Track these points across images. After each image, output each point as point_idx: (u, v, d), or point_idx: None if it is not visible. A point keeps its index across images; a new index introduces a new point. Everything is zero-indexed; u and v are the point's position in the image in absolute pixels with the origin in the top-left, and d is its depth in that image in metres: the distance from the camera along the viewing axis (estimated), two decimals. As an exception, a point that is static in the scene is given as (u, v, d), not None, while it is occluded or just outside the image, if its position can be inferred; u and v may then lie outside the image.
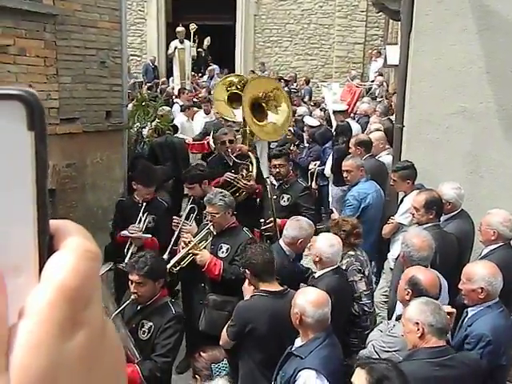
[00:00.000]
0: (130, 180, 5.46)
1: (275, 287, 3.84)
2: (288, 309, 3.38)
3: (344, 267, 4.33)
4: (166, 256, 4.92)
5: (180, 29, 15.10)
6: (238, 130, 6.98)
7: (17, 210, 0.41)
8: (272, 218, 5.50)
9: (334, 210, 6.11)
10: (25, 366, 0.38)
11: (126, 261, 4.84)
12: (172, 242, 5.11)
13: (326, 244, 4.08)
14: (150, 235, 5.08)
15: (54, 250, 0.42)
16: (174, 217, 5.35)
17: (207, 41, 15.84)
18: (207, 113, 10.59)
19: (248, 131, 6.62)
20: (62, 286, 0.40)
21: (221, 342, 3.80)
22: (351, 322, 4.23)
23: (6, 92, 0.41)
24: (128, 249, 5.06)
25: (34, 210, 0.42)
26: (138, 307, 3.81)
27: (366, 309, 4.28)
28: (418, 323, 3.05)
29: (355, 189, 5.78)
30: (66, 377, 0.39)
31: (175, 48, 15.03)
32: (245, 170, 6.24)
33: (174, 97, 12.85)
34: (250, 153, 6.41)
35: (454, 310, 3.48)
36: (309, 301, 3.29)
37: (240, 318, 3.80)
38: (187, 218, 5.25)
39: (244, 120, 6.55)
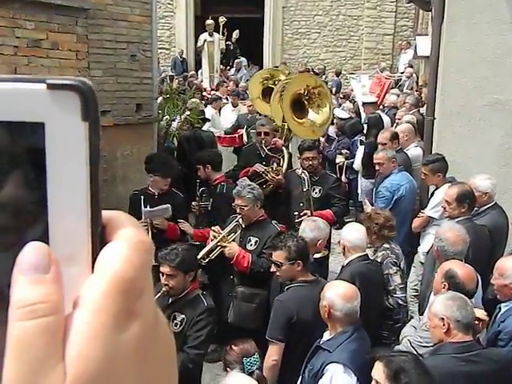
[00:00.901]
0: (147, 172, 5.42)
1: (308, 277, 3.86)
2: None
3: (379, 260, 4.36)
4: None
5: (209, 22, 15.10)
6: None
7: (70, 200, 0.41)
8: (307, 211, 5.48)
9: (366, 201, 6.04)
10: (82, 356, 0.38)
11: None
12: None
13: (350, 232, 4.23)
14: (168, 205, 5.08)
15: (107, 241, 0.42)
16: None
17: (236, 34, 15.82)
18: (235, 106, 10.60)
19: (286, 127, 6.62)
20: (116, 277, 0.40)
21: (273, 357, 3.63)
22: (384, 315, 4.23)
23: (62, 82, 0.40)
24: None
25: (88, 201, 0.42)
26: (170, 300, 3.83)
27: (400, 302, 4.29)
28: (443, 318, 3.02)
29: (388, 180, 5.73)
30: (122, 368, 0.39)
31: (204, 41, 15.04)
32: (275, 164, 6.25)
33: (204, 90, 12.90)
34: (283, 148, 6.42)
35: (487, 318, 3.42)
36: (338, 294, 3.28)
37: (283, 311, 3.75)
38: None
39: (283, 116, 6.56)
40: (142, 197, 5.15)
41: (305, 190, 5.56)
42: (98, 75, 6.26)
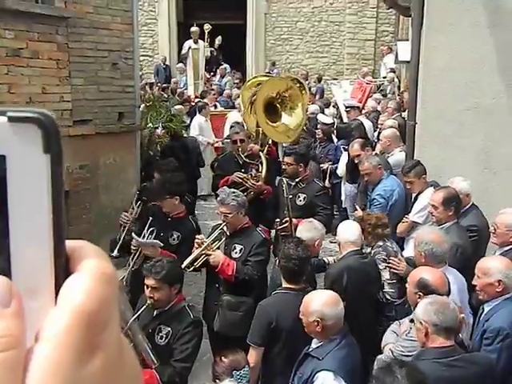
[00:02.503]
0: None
1: (298, 285, 3.84)
2: None
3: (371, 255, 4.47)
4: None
5: (194, 29, 15.04)
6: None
7: (33, 232, 0.41)
8: (288, 218, 5.49)
9: (356, 207, 6.01)
10: None
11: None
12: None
13: (344, 229, 4.40)
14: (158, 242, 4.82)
15: (71, 272, 0.42)
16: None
17: (218, 40, 15.84)
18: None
19: (261, 131, 6.63)
20: (79, 309, 0.39)
21: (251, 362, 3.60)
22: (377, 310, 4.35)
23: (23, 115, 0.41)
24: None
25: (50, 232, 0.41)
26: (155, 312, 3.80)
27: (388, 296, 4.37)
28: (421, 323, 3.02)
29: (380, 187, 5.72)
30: None
31: (189, 48, 15.00)
32: (254, 170, 6.25)
33: (188, 98, 12.89)
34: (260, 153, 6.42)
35: (463, 315, 3.43)
36: (324, 303, 3.26)
37: (263, 316, 3.77)
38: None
39: (257, 120, 6.57)
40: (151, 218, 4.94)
41: (284, 196, 5.56)
42: (79, 84, 6.23)
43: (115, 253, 4.89)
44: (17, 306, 0.40)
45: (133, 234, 4.88)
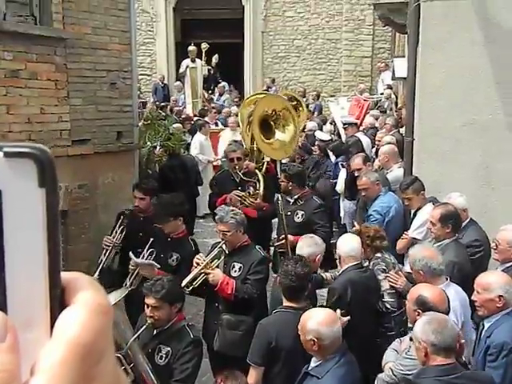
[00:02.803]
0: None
1: (299, 304, 3.80)
2: None
3: (370, 267, 4.51)
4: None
5: (192, 48, 15.15)
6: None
7: (28, 265, 0.42)
8: (284, 235, 5.49)
9: (355, 223, 6.01)
10: None
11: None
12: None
13: (345, 243, 4.41)
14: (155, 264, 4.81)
15: (66, 305, 0.42)
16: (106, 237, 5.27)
17: (215, 58, 15.91)
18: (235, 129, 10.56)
19: (256, 148, 6.65)
20: (74, 342, 0.40)
21: (251, 381, 3.61)
22: (377, 321, 4.37)
23: (18, 150, 0.42)
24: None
25: (45, 265, 0.42)
26: (155, 332, 3.77)
27: (388, 306, 4.41)
28: (420, 342, 3.02)
29: (377, 203, 5.72)
30: None
31: (187, 67, 15.07)
32: (252, 188, 6.26)
33: (187, 116, 12.93)
34: (257, 170, 6.44)
35: (463, 341, 3.40)
36: (320, 323, 3.24)
37: (263, 335, 3.74)
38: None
39: (252, 137, 6.58)
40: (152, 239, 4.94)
41: (280, 213, 5.58)
42: (77, 104, 6.25)
43: (96, 275, 4.88)
44: (12, 340, 0.40)
45: (130, 254, 4.88)
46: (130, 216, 5.33)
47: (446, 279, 3.97)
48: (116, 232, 5.22)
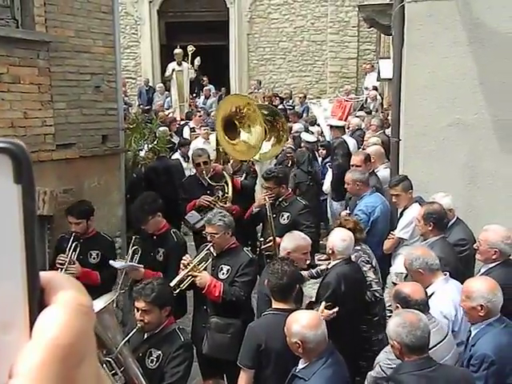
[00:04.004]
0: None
1: (288, 305, 3.77)
2: None
3: (353, 260, 4.60)
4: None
5: (178, 51, 15.09)
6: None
7: (5, 265, 0.40)
8: (272, 237, 5.48)
9: None
10: None
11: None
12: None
13: (339, 238, 4.44)
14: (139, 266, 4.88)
15: (46, 304, 0.41)
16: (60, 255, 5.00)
17: (197, 61, 15.80)
18: (206, 138, 10.52)
19: (221, 150, 6.60)
20: (54, 343, 0.38)
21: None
22: (364, 310, 4.51)
23: None
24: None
25: (23, 265, 0.41)
26: (145, 335, 3.74)
27: (377, 295, 4.57)
28: (394, 343, 3.10)
29: (362, 203, 5.74)
30: None
31: (173, 70, 15.02)
32: (220, 192, 6.23)
33: (179, 120, 12.85)
34: (224, 172, 6.39)
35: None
36: (304, 326, 3.24)
37: (252, 338, 3.72)
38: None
39: (217, 139, 6.54)
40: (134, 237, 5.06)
41: (269, 215, 5.57)
42: (61, 107, 6.19)
43: None
44: None
45: (110, 262, 4.91)
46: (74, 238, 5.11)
47: (445, 274, 4.02)
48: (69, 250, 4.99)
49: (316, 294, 4.55)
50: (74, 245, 4.98)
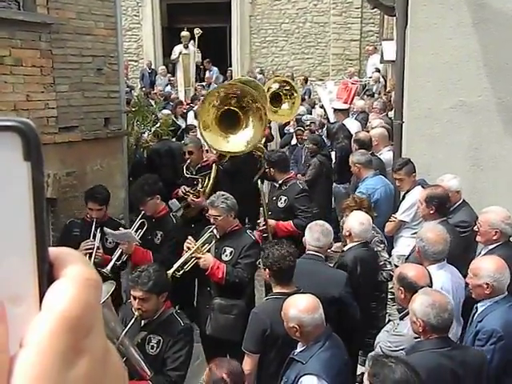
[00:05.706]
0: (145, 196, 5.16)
1: (290, 288, 3.77)
2: None
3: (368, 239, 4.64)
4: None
5: (185, 33, 14.83)
6: None
7: (15, 239, 0.41)
8: (271, 221, 5.56)
9: None
10: None
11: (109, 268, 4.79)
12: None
13: (357, 221, 4.47)
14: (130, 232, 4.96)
15: (54, 279, 0.42)
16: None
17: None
18: None
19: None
20: (63, 315, 0.40)
21: (246, 369, 3.56)
22: (376, 288, 4.68)
23: (2, 124, 0.41)
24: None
25: (33, 239, 0.42)
26: (143, 322, 3.72)
27: (391, 273, 4.57)
28: (418, 319, 3.11)
29: (363, 185, 5.77)
30: None
31: (180, 53, 14.84)
32: (200, 185, 6.18)
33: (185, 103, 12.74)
34: (214, 165, 6.30)
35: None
36: (301, 310, 3.25)
37: (257, 324, 3.73)
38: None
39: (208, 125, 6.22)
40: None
41: (262, 198, 5.65)
42: (63, 90, 6.17)
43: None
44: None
45: (105, 229, 4.89)
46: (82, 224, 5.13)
47: (443, 260, 4.04)
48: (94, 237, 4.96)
49: None
50: (98, 230, 4.92)
